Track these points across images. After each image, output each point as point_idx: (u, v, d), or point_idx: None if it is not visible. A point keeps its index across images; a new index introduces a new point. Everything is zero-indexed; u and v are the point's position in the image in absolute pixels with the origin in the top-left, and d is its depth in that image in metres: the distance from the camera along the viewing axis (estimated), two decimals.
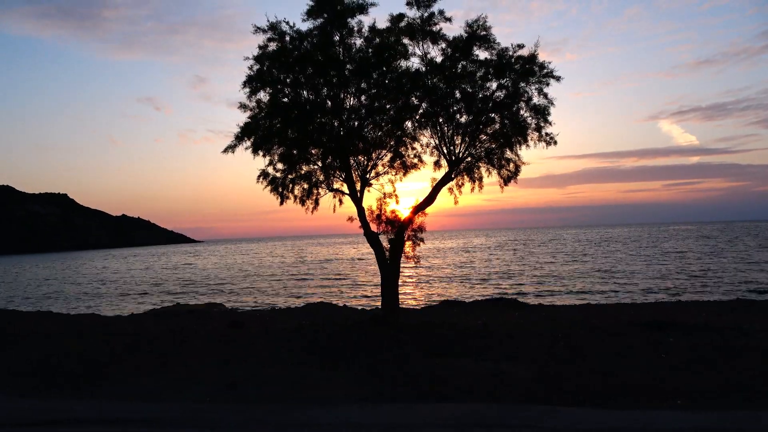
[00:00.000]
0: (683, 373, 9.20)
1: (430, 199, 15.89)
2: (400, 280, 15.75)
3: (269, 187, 15.57)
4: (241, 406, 8.08)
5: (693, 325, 13.76)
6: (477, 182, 15.68)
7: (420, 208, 15.88)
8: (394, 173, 16.02)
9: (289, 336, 13.76)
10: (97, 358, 11.82)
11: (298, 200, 15.83)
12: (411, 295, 33.17)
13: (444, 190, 15.76)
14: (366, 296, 33.23)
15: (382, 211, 15.88)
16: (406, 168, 15.94)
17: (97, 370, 10.60)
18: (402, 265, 16.23)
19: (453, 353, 11.04)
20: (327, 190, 15.97)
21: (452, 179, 15.77)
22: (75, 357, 11.82)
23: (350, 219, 15.83)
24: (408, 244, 15.85)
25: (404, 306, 24.16)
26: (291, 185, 15.71)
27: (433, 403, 8.05)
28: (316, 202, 15.94)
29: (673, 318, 15.06)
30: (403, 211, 15.88)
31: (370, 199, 16.72)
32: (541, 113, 14.56)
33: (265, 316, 18.48)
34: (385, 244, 15.88)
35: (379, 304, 21.76)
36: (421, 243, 15.79)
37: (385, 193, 16.17)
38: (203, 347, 12.67)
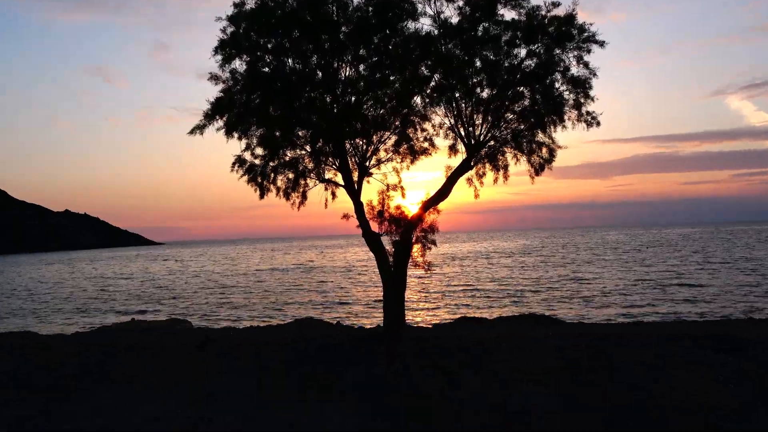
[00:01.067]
0: (761, 411, 8.83)
1: (444, 192, 15.96)
2: (406, 292, 16.07)
3: (246, 177, 15.65)
4: None
5: None
6: (502, 171, 15.80)
7: (432, 204, 15.94)
8: (399, 160, 16.23)
9: (270, 358, 13.87)
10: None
11: (281, 193, 15.97)
12: (420, 309, 33.66)
13: (461, 181, 15.90)
14: (364, 311, 33.69)
15: (385, 207, 16.00)
16: (415, 154, 16.08)
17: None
18: (409, 273, 16.44)
19: (468, 379, 11.22)
20: (317, 181, 16.14)
21: (471, 168, 15.89)
22: None
23: (345, 216, 15.85)
24: (417, 247, 15.99)
25: (411, 322, 24.45)
26: (273, 175, 15.81)
27: None
28: (304, 196, 16.09)
29: (745, 338, 14.99)
30: (411, 207, 16.05)
31: (370, 193, 16.99)
32: (581, 86, 14.69)
33: (241, 336, 18.78)
34: (389, 247, 16.08)
35: (380, 320, 22.32)
36: (433, 246, 15.91)
37: (388, 185, 16.35)
38: (163, 376, 12.43)
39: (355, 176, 16.18)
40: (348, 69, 15.02)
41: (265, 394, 10.68)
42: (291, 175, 15.95)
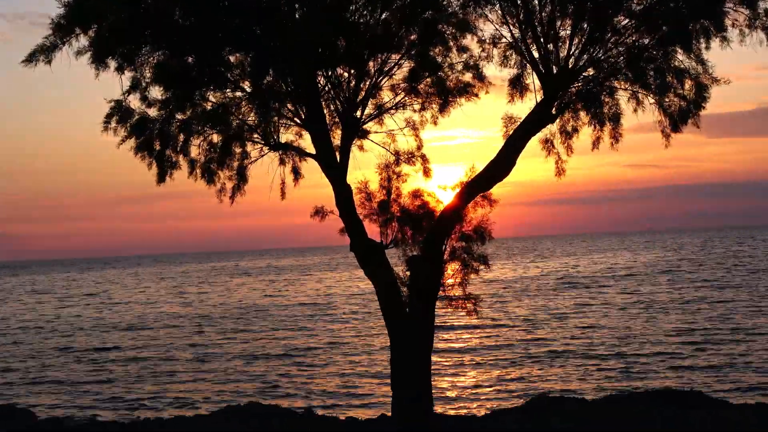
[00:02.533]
0: None
1: (502, 164, 15.04)
2: (434, 357, 16.43)
3: (133, 142, 14.91)
4: None
5: None
6: (609, 125, 14.76)
7: (480, 186, 15.20)
8: (418, 107, 15.72)
9: None
10: None
11: (199, 171, 15.39)
12: (460, 386, 33.05)
13: (533, 145, 15.05)
14: (354, 389, 32.89)
15: (394, 194, 15.48)
16: (447, 94, 15.43)
17: None
18: (438, 316, 15.97)
19: None
20: (265, 148, 15.59)
21: (552, 119, 14.93)
22: None
23: (319, 213, 15.31)
24: (452, 268, 15.25)
25: (443, 410, 24.38)
26: (183, 137, 15.18)
27: None
28: (242, 176, 15.51)
29: None
30: (441, 195, 15.55)
31: (365, 168, 16.17)
32: None
33: None
34: (400, 269, 15.36)
35: (387, 407, 20.69)
36: (484, 268, 15.22)
37: (398, 154, 15.83)
38: None
39: (338, 138, 15.47)
40: None
41: None
42: (216, 138, 15.33)
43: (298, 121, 15.28)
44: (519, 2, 14.27)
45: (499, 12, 14.51)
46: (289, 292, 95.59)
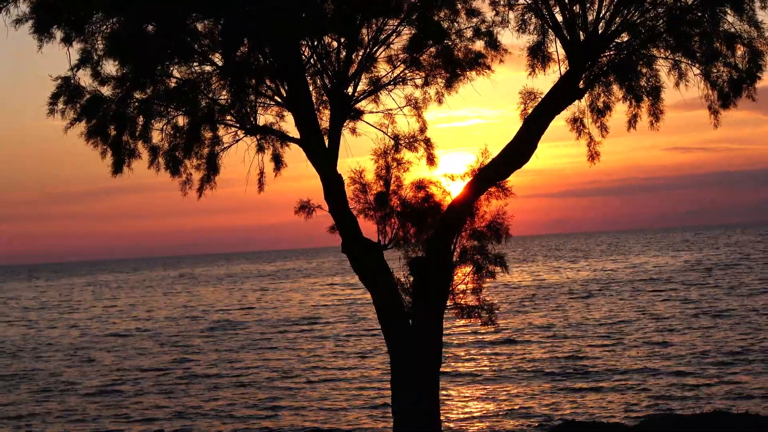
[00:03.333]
0: None
1: (521, 147, 15.04)
2: (442, 381, 17.13)
3: (83, 126, 14.86)
4: None
5: None
6: (647, 100, 14.82)
7: (495, 174, 15.24)
8: (421, 82, 15.74)
9: None
10: None
11: (162, 160, 15.40)
12: (471, 408, 32.99)
13: (558, 123, 15.10)
14: (346, 418, 33.01)
15: (393, 185, 15.54)
16: (455, 66, 15.41)
17: None
18: (446, 327, 16.43)
19: None
20: (242, 132, 15.56)
21: (580, 95, 14.97)
22: None
23: (304, 209, 15.30)
24: (463, 271, 15.33)
25: None
26: (143, 119, 15.19)
27: None
28: (212, 165, 15.46)
29: None
30: (449, 185, 15.66)
31: (358, 154, 16.22)
32: None
33: None
34: (401, 274, 15.46)
35: None
36: (500, 270, 15.24)
37: (397, 137, 15.88)
38: None
39: (326, 120, 15.50)
40: None
41: None
42: (182, 121, 15.22)
43: (279, 99, 15.04)
44: None
45: None
46: (268, 303, 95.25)
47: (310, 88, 15.19)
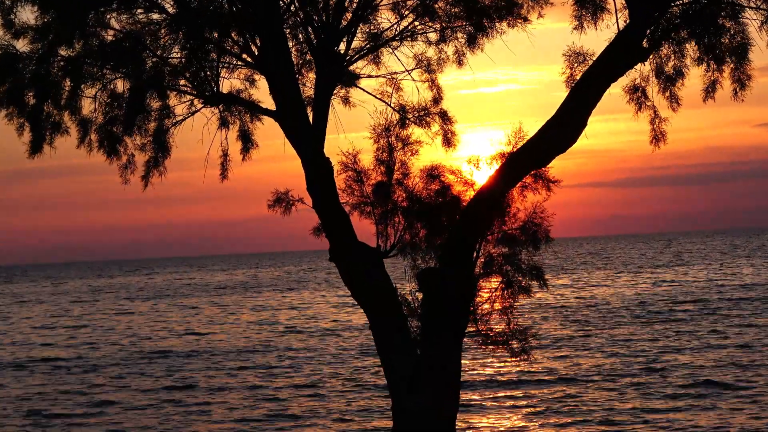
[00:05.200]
0: None
1: (566, 124, 13.60)
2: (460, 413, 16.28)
3: None
4: None
5: None
6: (731, 62, 13.53)
7: (531, 159, 13.88)
8: (434, 34, 14.72)
9: None
10: None
11: (95, 137, 14.30)
12: None
13: (613, 90, 13.79)
14: None
15: (398, 172, 14.45)
16: (479, 18, 14.31)
17: None
18: (465, 355, 17.67)
19: None
20: (200, 102, 14.35)
21: (644, 56, 13.64)
22: None
23: (280, 203, 14.11)
24: (489, 286, 14.17)
25: None
26: (72, 85, 14.02)
27: None
28: (162, 146, 14.24)
29: None
30: (473, 175, 14.45)
31: (353, 127, 15.88)
32: None
33: None
34: (406, 290, 14.33)
35: None
36: (538, 285, 13.76)
37: (405, 108, 14.87)
38: None
39: (309, 87, 14.63)
40: None
41: None
42: (121, 85, 14.22)
43: (249, 59, 13.80)
44: None
45: None
46: (231, 323, 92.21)
47: (290, 43, 13.92)
